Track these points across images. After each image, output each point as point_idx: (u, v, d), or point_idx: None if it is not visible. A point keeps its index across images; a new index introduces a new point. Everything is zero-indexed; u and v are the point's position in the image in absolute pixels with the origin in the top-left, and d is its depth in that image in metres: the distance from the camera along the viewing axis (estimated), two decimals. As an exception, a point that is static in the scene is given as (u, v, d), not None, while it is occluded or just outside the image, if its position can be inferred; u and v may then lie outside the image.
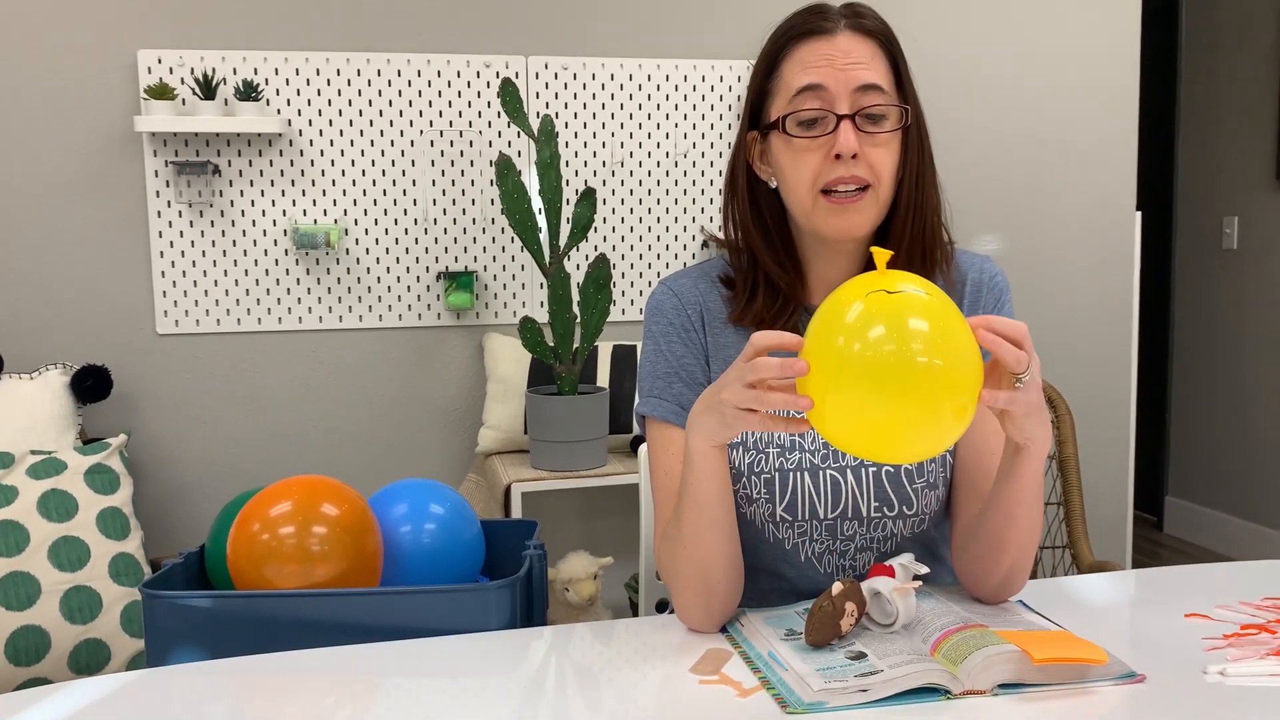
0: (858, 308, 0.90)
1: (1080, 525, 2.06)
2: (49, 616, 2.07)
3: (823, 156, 1.13)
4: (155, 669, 1.13)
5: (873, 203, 1.15)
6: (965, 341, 0.91)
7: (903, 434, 0.90)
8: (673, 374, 1.23)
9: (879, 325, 0.89)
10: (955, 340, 0.90)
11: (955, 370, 0.89)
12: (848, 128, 1.12)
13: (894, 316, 0.89)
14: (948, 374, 0.88)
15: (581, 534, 2.82)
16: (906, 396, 0.88)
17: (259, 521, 1.30)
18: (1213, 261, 4.07)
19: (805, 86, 1.13)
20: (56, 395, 2.35)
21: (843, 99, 1.13)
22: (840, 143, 1.11)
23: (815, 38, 1.15)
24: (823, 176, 1.13)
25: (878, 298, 0.90)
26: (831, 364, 0.90)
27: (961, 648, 0.98)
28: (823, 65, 1.13)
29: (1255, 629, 1.09)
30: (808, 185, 1.15)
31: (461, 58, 2.67)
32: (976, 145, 2.98)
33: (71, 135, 2.50)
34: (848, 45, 1.14)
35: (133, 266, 2.56)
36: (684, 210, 2.83)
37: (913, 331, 0.88)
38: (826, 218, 1.15)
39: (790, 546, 1.23)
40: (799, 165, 1.15)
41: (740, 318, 1.23)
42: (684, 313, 1.25)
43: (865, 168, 1.13)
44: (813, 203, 1.15)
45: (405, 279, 2.69)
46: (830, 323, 0.92)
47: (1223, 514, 4.03)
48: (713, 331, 1.25)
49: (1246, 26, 3.86)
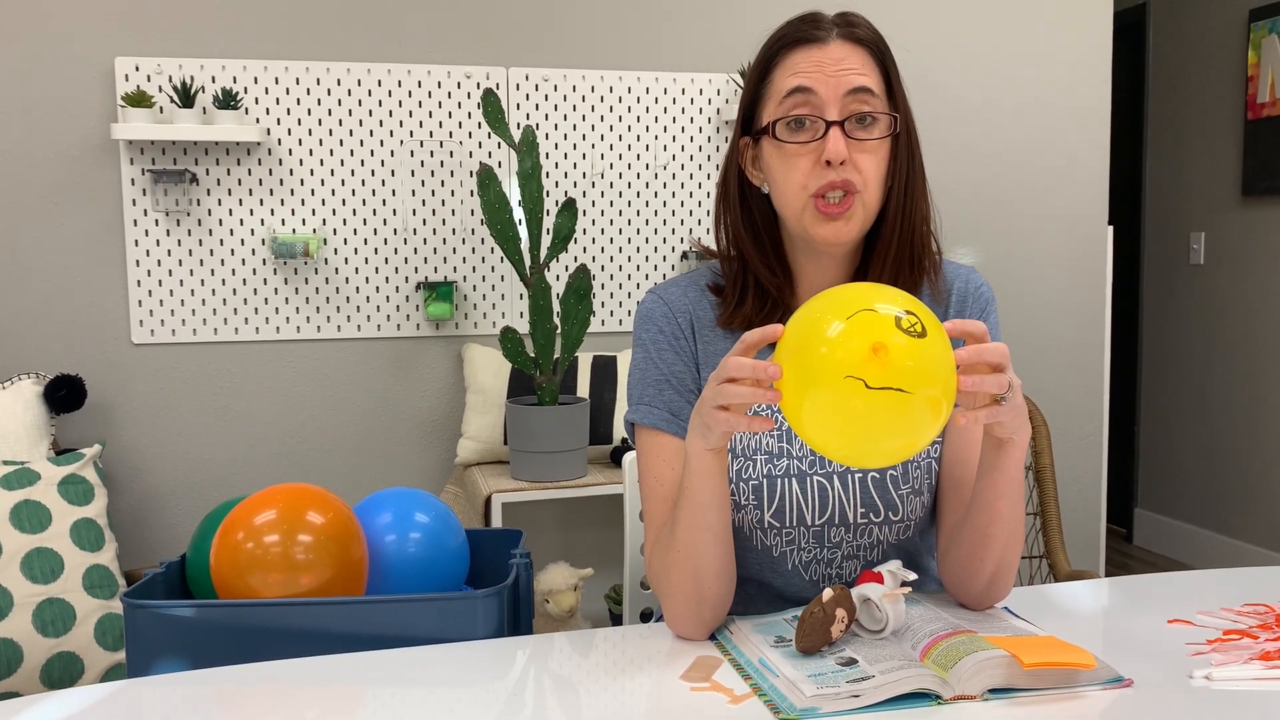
0: (839, 333, 0.91)
1: (1057, 535, 2.08)
2: (21, 629, 2.03)
3: (812, 162, 1.15)
4: (137, 679, 1.11)
5: (860, 210, 1.16)
6: (942, 359, 0.92)
7: (877, 439, 0.93)
8: (663, 381, 1.24)
9: (857, 358, 0.90)
10: (932, 364, 0.91)
11: (929, 385, 0.91)
12: (837, 134, 1.13)
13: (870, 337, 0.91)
14: (922, 395, 0.91)
15: (561, 545, 2.82)
16: (881, 415, 0.91)
17: (243, 530, 1.28)
18: (1180, 276, 4.13)
19: (795, 89, 1.15)
20: (29, 405, 2.32)
21: (833, 105, 1.14)
22: (829, 149, 1.13)
23: (807, 45, 1.16)
24: (812, 182, 1.15)
25: (863, 321, 0.92)
26: (808, 381, 0.92)
27: (951, 653, 0.99)
28: (813, 71, 1.15)
29: (1238, 634, 1.10)
30: (797, 190, 1.16)
31: (442, 68, 2.67)
32: (950, 160, 3.02)
33: (48, 142, 2.48)
34: (839, 53, 1.15)
35: (108, 275, 2.53)
36: (664, 222, 2.84)
37: (894, 367, 0.90)
38: (815, 225, 1.16)
39: (778, 554, 1.23)
40: (789, 170, 1.16)
41: (729, 321, 1.24)
42: (674, 320, 1.26)
43: (854, 173, 1.14)
44: (802, 208, 1.16)
45: (384, 289, 2.68)
46: (810, 339, 0.93)
47: (1192, 526, 4.08)
48: (703, 338, 1.26)
49: (1213, 45, 3.94)
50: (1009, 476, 1.09)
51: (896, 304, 0.93)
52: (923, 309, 0.94)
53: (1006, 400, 0.99)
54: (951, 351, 0.94)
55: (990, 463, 1.09)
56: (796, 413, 0.94)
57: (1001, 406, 0.99)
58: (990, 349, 0.97)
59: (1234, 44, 3.84)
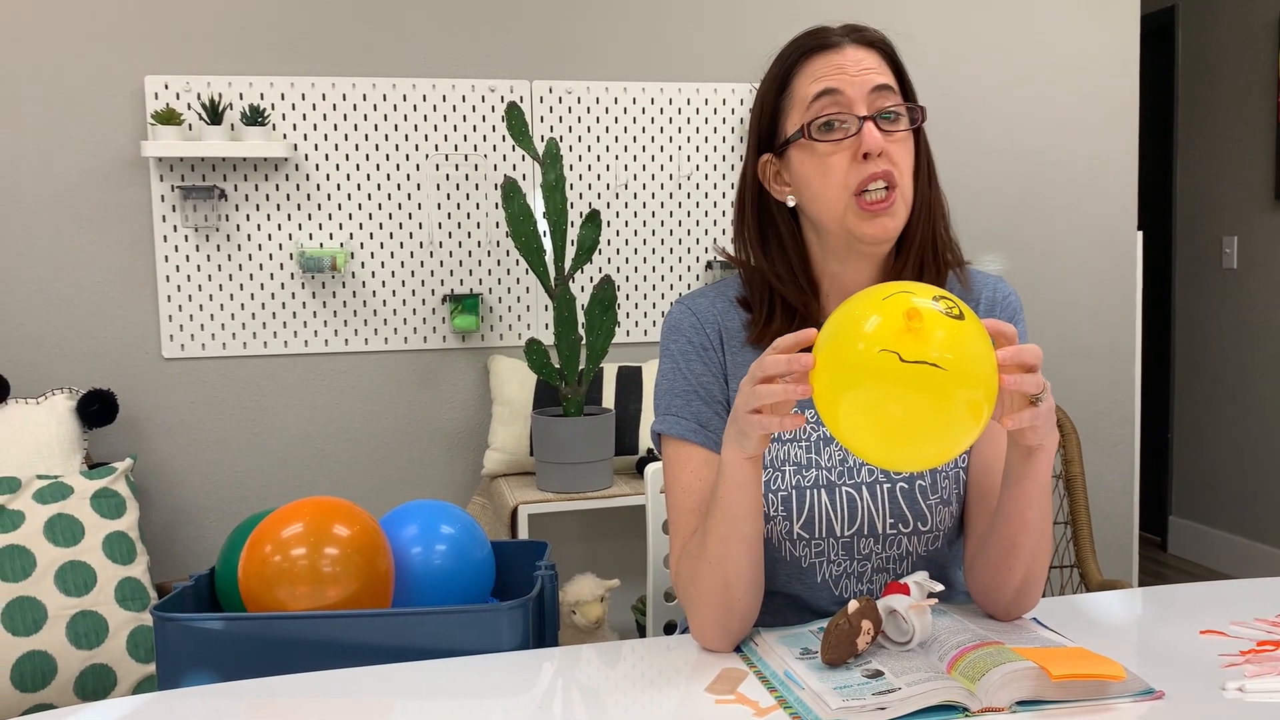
0: (873, 315, 0.90)
1: (1088, 544, 2.05)
2: (55, 642, 2.06)
3: (849, 159, 1.15)
4: (167, 691, 1.12)
5: (900, 203, 1.17)
6: (981, 349, 0.91)
7: (915, 437, 0.90)
8: (691, 391, 1.23)
9: (891, 330, 0.89)
10: (970, 347, 0.90)
11: (967, 373, 0.89)
12: (871, 127, 1.14)
13: (909, 322, 0.89)
14: (960, 378, 0.88)
15: (587, 556, 2.81)
16: (917, 400, 0.88)
17: (271, 543, 1.29)
18: (1213, 281, 4.08)
19: (822, 92, 1.16)
20: (62, 420, 2.35)
21: (860, 102, 1.15)
22: (867, 141, 1.14)
23: (824, 52, 1.18)
24: (852, 178, 1.15)
25: (897, 299, 0.91)
26: (844, 366, 0.91)
27: (979, 665, 0.98)
28: (835, 74, 1.16)
29: (1273, 645, 1.08)
30: (839, 188, 1.16)
31: (466, 82, 2.69)
32: (979, 165, 3.00)
33: (79, 160, 2.51)
34: (856, 55, 1.18)
35: (139, 291, 2.57)
36: (688, 232, 2.84)
37: (929, 339, 0.88)
38: (860, 224, 1.16)
39: (807, 565, 1.23)
40: (827, 171, 1.16)
41: (759, 339, 1.23)
42: (702, 331, 1.25)
43: (890, 164, 1.15)
44: (844, 208, 1.16)
45: (411, 302, 2.70)
46: (845, 326, 0.92)
47: (1227, 534, 4.02)
48: (731, 351, 1.25)
49: (1243, 47, 3.89)
50: (1037, 484, 1.08)
51: (932, 293, 0.92)
52: (961, 303, 0.93)
53: (1041, 402, 0.98)
54: (991, 349, 0.92)
55: (1019, 471, 1.08)
56: (832, 407, 0.92)
57: (1039, 409, 0.97)
58: (1027, 350, 0.96)
59: (1264, 45, 3.79)
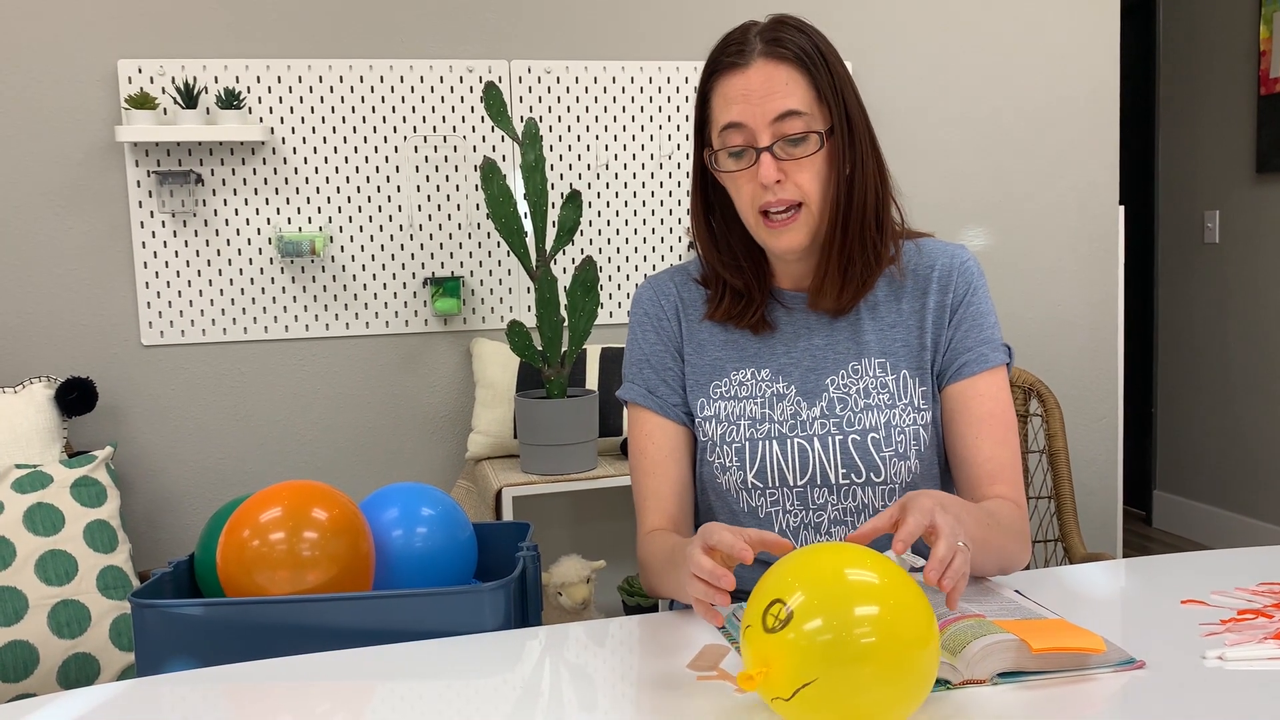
0: (799, 596, 0.84)
1: (1072, 517, 2.06)
2: (37, 631, 2.04)
3: (754, 184, 1.22)
4: (147, 678, 1.11)
5: (807, 219, 1.24)
6: (911, 598, 0.85)
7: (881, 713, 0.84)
8: (643, 361, 1.36)
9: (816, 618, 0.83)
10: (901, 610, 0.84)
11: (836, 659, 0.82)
12: (767, 160, 1.20)
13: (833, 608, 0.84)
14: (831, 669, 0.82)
15: (573, 538, 2.81)
16: (852, 701, 0.83)
17: (249, 528, 1.28)
18: (1195, 256, 4.09)
19: (727, 125, 1.22)
20: (41, 408, 2.33)
21: (763, 132, 1.20)
22: (761, 174, 1.20)
23: (732, 73, 1.22)
24: (757, 201, 1.23)
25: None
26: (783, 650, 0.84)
27: (959, 637, 0.98)
28: (740, 102, 1.21)
29: (1253, 614, 1.09)
30: (748, 207, 1.25)
31: (444, 63, 2.66)
32: (960, 142, 2.99)
33: (53, 147, 2.48)
34: (762, 75, 1.20)
35: (117, 277, 2.54)
36: (670, 212, 2.83)
37: (781, 677, 0.83)
38: (768, 238, 1.26)
39: (764, 515, 1.29)
40: (738, 190, 1.25)
41: (713, 315, 1.34)
42: (659, 304, 1.37)
43: (793, 189, 1.22)
44: (755, 221, 1.25)
45: (391, 285, 2.68)
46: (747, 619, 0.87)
47: (1211, 507, 4.05)
48: (688, 325, 1.36)
49: (1224, 20, 3.89)
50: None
51: (804, 588, 0.85)
52: (796, 602, 0.85)
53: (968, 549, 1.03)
54: (915, 603, 0.85)
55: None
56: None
57: (963, 558, 1.01)
58: (953, 572, 0.98)
59: (1245, 19, 3.79)
